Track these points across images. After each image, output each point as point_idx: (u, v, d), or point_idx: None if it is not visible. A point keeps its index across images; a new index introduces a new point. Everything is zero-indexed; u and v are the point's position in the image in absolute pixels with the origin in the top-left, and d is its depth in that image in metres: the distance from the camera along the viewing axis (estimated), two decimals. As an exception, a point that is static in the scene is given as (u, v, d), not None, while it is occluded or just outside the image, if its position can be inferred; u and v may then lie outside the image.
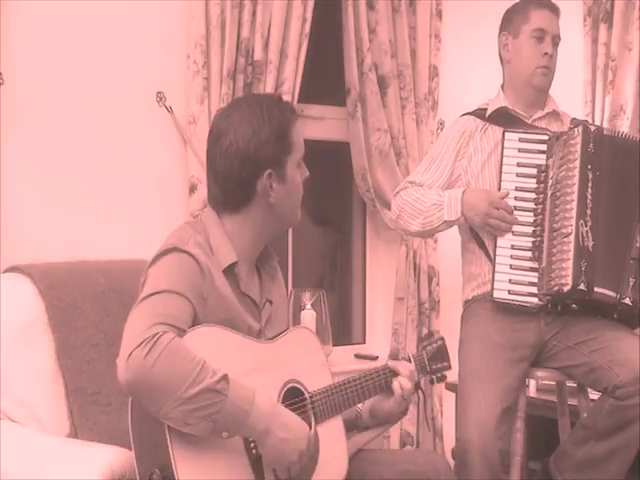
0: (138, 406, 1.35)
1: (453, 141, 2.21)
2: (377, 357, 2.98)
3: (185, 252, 1.44)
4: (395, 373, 1.62)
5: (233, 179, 1.49)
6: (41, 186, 2.22)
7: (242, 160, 1.47)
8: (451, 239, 2.44)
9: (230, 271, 1.49)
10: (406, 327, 2.89)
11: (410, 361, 1.66)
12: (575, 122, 2.21)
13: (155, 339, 1.28)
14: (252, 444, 1.39)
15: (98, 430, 1.80)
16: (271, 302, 1.59)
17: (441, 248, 2.95)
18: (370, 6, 2.76)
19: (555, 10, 2.19)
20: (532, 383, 2.79)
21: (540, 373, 2.15)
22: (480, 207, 2.08)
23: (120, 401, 1.79)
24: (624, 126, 2.78)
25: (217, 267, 1.47)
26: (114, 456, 1.53)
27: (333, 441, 1.53)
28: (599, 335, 2.04)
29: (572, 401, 2.22)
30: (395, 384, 1.61)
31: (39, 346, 1.81)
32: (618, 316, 2.05)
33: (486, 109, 2.23)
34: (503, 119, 2.18)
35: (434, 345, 1.71)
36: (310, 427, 1.46)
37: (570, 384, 2.21)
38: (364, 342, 3.10)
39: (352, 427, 1.66)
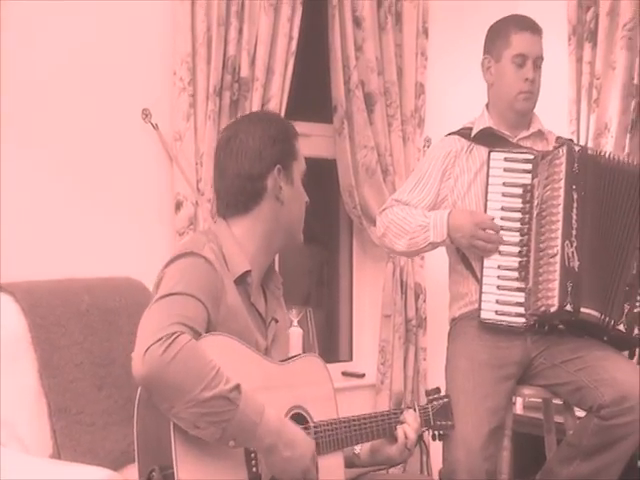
0: (145, 403, 1.34)
1: (439, 162, 2.21)
2: (364, 374, 2.97)
3: (201, 256, 1.44)
4: (400, 421, 1.61)
5: (244, 177, 1.51)
6: (25, 203, 2.20)
7: (252, 156, 1.51)
8: (438, 256, 2.44)
9: (242, 281, 1.49)
10: (393, 344, 2.89)
11: (415, 410, 1.65)
12: (560, 141, 2.23)
13: (174, 337, 1.28)
14: (253, 462, 1.39)
15: (81, 450, 1.78)
16: (277, 321, 1.59)
17: (428, 265, 2.95)
18: (357, 24, 2.78)
19: (536, 30, 2.19)
20: (519, 400, 2.79)
21: (526, 391, 2.15)
22: (466, 228, 2.08)
23: (104, 421, 1.77)
24: (609, 144, 2.80)
25: (229, 277, 1.47)
26: (98, 477, 1.51)
27: (332, 475, 1.52)
28: (585, 354, 2.04)
29: (558, 418, 2.22)
30: (400, 432, 1.59)
31: (22, 365, 1.78)
32: (608, 339, 2.05)
33: (471, 128, 2.24)
34: (488, 139, 2.19)
35: (440, 402, 1.70)
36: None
37: (556, 401, 2.21)
38: (351, 359, 3.09)
39: (349, 465, 1.64)
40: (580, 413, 2.12)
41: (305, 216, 1.65)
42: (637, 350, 2.10)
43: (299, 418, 1.49)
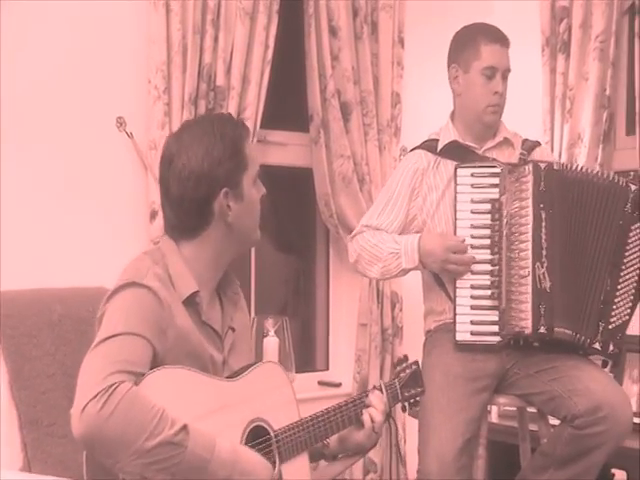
0: (93, 456, 1.31)
1: (406, 180, 2.19)
2: (340, 384, 2.96)
3: (144, 286, 1.39)
4: (366, 404, 1.58)
5: (189, 201, 1.44)
6: (-4, 212, 2.18)
7: (197, 181, 1.43)
8: (414, 265, 2.45)
9: (191, 301, 1.45)
10: (369, 353, 2.88)
11: (382, 390, 1.63)
12: (527, 145, 2.21)
13: (111, 390, 1.24)
14: None
15: (52, 462, 1.76)
16: (233, 329, 1.55)
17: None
18: (333, 33, 2.79)
19: (505, 42, 2.17)
20: (494, 409, 2.80)
21: (501, 399, 2.16)
22: (437, 253, 2.07)
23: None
24: (582, 154, 2.83)
25: (177, 299, 1.43)
26: (68, 490, 1.49)
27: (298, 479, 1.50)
28: (559, 364, 2.04)
29: (533, 427, 2.22)
30: (365, 417, 1.57)
31: (-9, 377, 1.76)
32: (584, 354, 2.06)
33: (436, 140, 2.22)
34: (455, 152, 2.18)
35: (408, 371, 1.67)
36: (274, 466, 1.44)
37: (531, 410, 2.22)
38: (327, 369, 3.08)
39: (319, 456, 1.62)
40: (554, 421, 2.13)
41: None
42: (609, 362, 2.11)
43: (259, 431, 1.46)
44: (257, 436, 1.45)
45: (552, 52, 2.92)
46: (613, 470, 2.61)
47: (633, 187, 2.04)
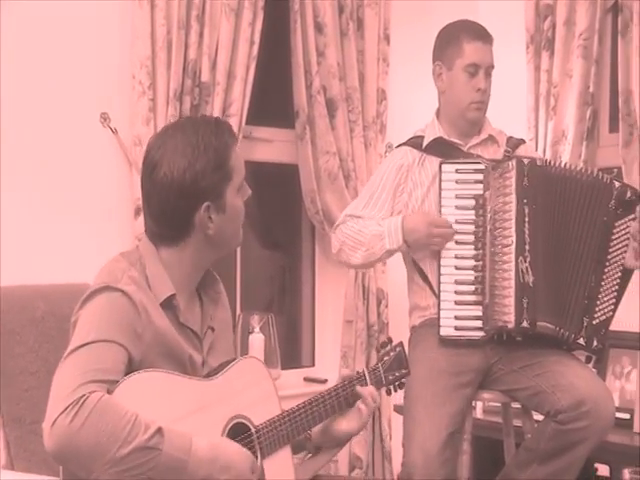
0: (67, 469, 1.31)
1: (391, 175, 2.20)
2: (326, 380, 2.96)
3: (117, 290, 1.37)
4: (350, 396, 1.57)
5: (168, 213, 1.42)
6: (-21, 208, 2.16)
7: (178, 193, 1.39)
8: (399, 262, 2.45)
9: (168, 303, 1.43)
10: (355, 350, 2.89)
11: (365, 377, 1.61)
12: (511, 143, 2.22)
13: (81, 402, 1.23)
14: None
15: (36, 461, 1.74)
16: (213, 329, 1.54)
17: (390, 271, 2.96)
18: (318, 29, 2.78)
19: (488, 39, 2.17)
20: (479, 405, 2.81)
21: (486, 395, 2.17)
22: (421, 229, 2.09)
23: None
24: (566, 151, 2.84)
25: (154, 301, 1.41)
26: (51, 488, 1.48)
27: (281, 474, 1.49)
28: (543, 359, 2.05)
29: (518, 422, 2.24)
30: (361, 405, 1.56)
31: (-26, 375, 1.74)
32: (568, 349, 2.07)
33: (422, 137, 2.23)
34: (440, 149, 2.19)
35: (392, 354, 1.65)
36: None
37: (515, 405, 2.23)
38: (313, 365, 3.08)
39: (301, 449, 1.61)
40: (539, 417, 2.14)
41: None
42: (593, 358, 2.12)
43: (240, 427, 1.45)
44: (238, 433, 1.44)
45: (536, 49, 2.94)
46: (596, 464, 2.64)
47: (617, 184, 2.05)
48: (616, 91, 2.73)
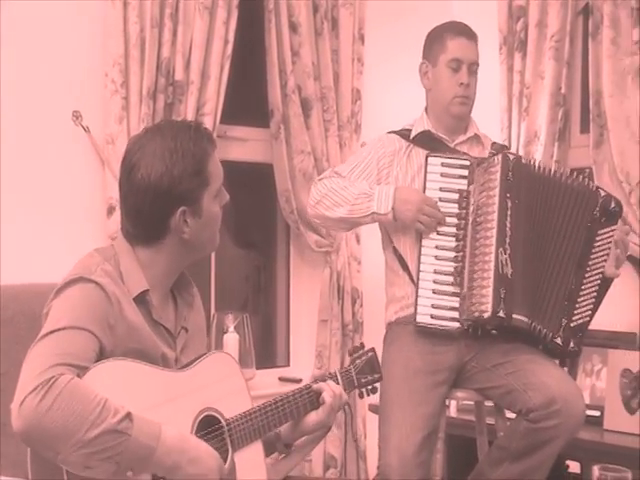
0: (34, 450, 1.30)
1: (375, 157, 2.21)
2: (301, 379, 2.95)
3: (91, 281, 1.38)
4: (319, 392, 1.58)
5: (144, 215, 1.43)
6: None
7: (154, 196, 1.41)
8: (374, 261, 2.46)
9: (142, 299, 1.44)
10: (330, 349, 2.89)
11: (337, 377, 1.63)
12: (496, 147, 2.26)
13: (50, 383, 1.23)
14: None
15: (5, 464, 1.71)
16: (187, 330, 1.54)
17: (365, 270, 2.97)
18: (293, 29, 2.78)
19: (472, 36, 2.21)
20: (453, 403, 2.83)
21: (459, 394, 2.18)
22: (413, 202, 2.09)
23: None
24: (538, 152, 2.87)
25: (127, 295, 1.42)
26: (22, 491, 1.46)
27: (252, 468, 1.49)
28: (515, 358, 2.07)
29: (490, 420, 2.26)
30: (325, 395, 1.57)
31: (-59, 377, 1.71)
32: (544, 349, 2.09)
33: (410, 130, 2.26)
34: (427, 142, 2.21)
35: (363, 358, 1.68)
36: (227, 455, 1.43)
37: (488, 404, 2.25)
38: (288, 365, 3.08)
39: (271, 449, 1.61)
40: (511, 415, 2.16)
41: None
42: (567, 360, 2.14)
43: (210, 420, 1.46)
44: (208, 425, 1.44)
45: (509, 51, 2.97)
46: (567, 461, 2.67)
47: (602, 192, 2.08)
48: (587, 92, 2.77)
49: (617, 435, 2.48)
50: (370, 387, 1.68)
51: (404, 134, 2.25)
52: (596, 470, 1.39)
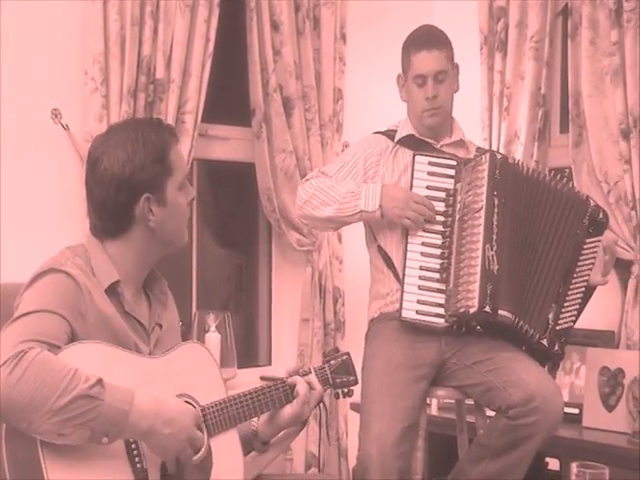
0: (10, 430, 1.29)
1: (362, 157, 2.23)
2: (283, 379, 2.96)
3: (62, 272, 1.41)
4: (293, 386, 1.59)
5: (110, 206, 1.47)
6: None
7: (117, 186, 1.45)
8: (357, 260, 2.46)
9: (113, 291, 1.47)
10: (312, 348, 2.89)
11: (311, 372, 1.64)
12: (481, 151, 2.29)
13: (20, 356, 1.25)
14: (137, 458, 1.35)
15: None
16: (161, 326, 1.55)
17: (346, 269, 2.98)
18: (275, 27, 2.78)
19: (433, 46, 2.18)
20: (434, 402, 2.84)
21: (440, 392, 2.19)
22: (400, 198, 2.10)
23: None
24: (518, 152, 2.89)
25: (99, 287, 1.44)
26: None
27: (228, 454, 1.49)
28: (495, 355, 2.08)
29: (471, 418, 2.27)
30: (299, 386, 1.58)
31: None
32: (528, 350, 2.10)
33: (396, 131, 2.27)
34: (412, 143, 2.23)
35: (338, 359, 1.69)
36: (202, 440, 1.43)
37: (469, 402, 2.26)
38: (270, 364, 3.08)
39: (249, 446, 1.62)
40: (492, 413, 2.17)
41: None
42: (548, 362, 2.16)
43: None
44: None
45: (490, 51, 2.98)
46: (546, 459, 2.69)
47: (592, 202, 2.12)
48: (566, 93, 2.79)
49: (596, 432, 2.50)
50: (346, 390, 1.69)
51: (390, 135, 2.27)
52: (574, 467, 1.40)
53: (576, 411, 2.58)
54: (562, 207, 2.09)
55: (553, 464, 2.68)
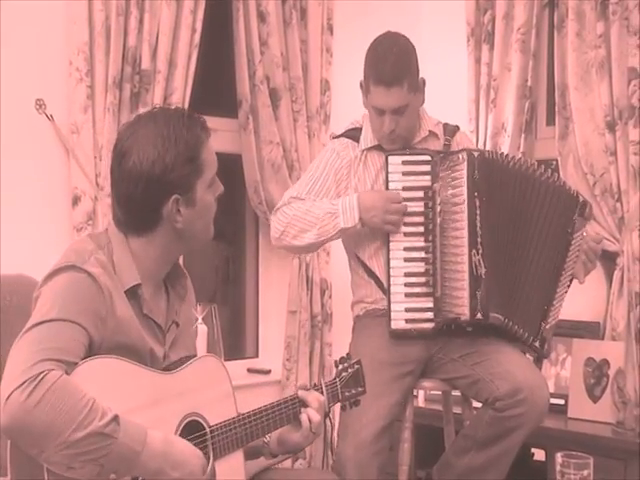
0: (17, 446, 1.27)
1: (334, 165, 2.16)
2: (270, 371, 2.96)
3: (83, 271, 1.35)
4: (304, 404, 1.56)
5: (136, 203, 1.40)
6: None
7: (146, 184, 1.38)
8: (344, 252, 2.45)
9: (133, 292, 1.42)
10: (299, 340, 2.90)
11: (322, 390, 1.61)
12: (448, 130, 2.20)
13: (40, 379, 1.21)
14: None
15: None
16: (177, 324, 1.52)
17: (334, 261, 2.97)
18: (261, 18, 2.76)
19: (393, 83, 2.03)
20: (421, 394, 2.85)
21: (427, 384, 2.19)
22: (378, 206, 2.04)
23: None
24: (505, 144, 2.90)
25: (119, 288, 1.39)
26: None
27: (232, 477, 1.48)
28: (481, 348, 2.08)
29: (458, 410, 2.28)
30: (303, 417, 1.54)
31: None
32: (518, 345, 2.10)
33: (359, 129, 2.18)
34: (381, 146, 2.16)
35: (350, 370, 1.66)
36: (208, 462, 1.42)
37: (456, 393, 2.27)
38: (257, 356, 3.08)
39: (257, 454, 1.61)
40: (478, 405, 2.18)
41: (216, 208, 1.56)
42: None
43: (194, 425, 1.44)
44: (192, 431, 1.43)
45: (477, 43, 2.98)
46: (532, 449, 2.71)
47: (581, 197, 2.10)
48: (553, 85, 2.79)
49: (581, 423, 2.52)
50: (353, 400, 1.66)
51: (354, 136, 2.18)
52: (559, 457, 1.42)
53: (562, 402, 2.60)
54: (554, 202, 2.04)
55: (539, 454, 2.69)
